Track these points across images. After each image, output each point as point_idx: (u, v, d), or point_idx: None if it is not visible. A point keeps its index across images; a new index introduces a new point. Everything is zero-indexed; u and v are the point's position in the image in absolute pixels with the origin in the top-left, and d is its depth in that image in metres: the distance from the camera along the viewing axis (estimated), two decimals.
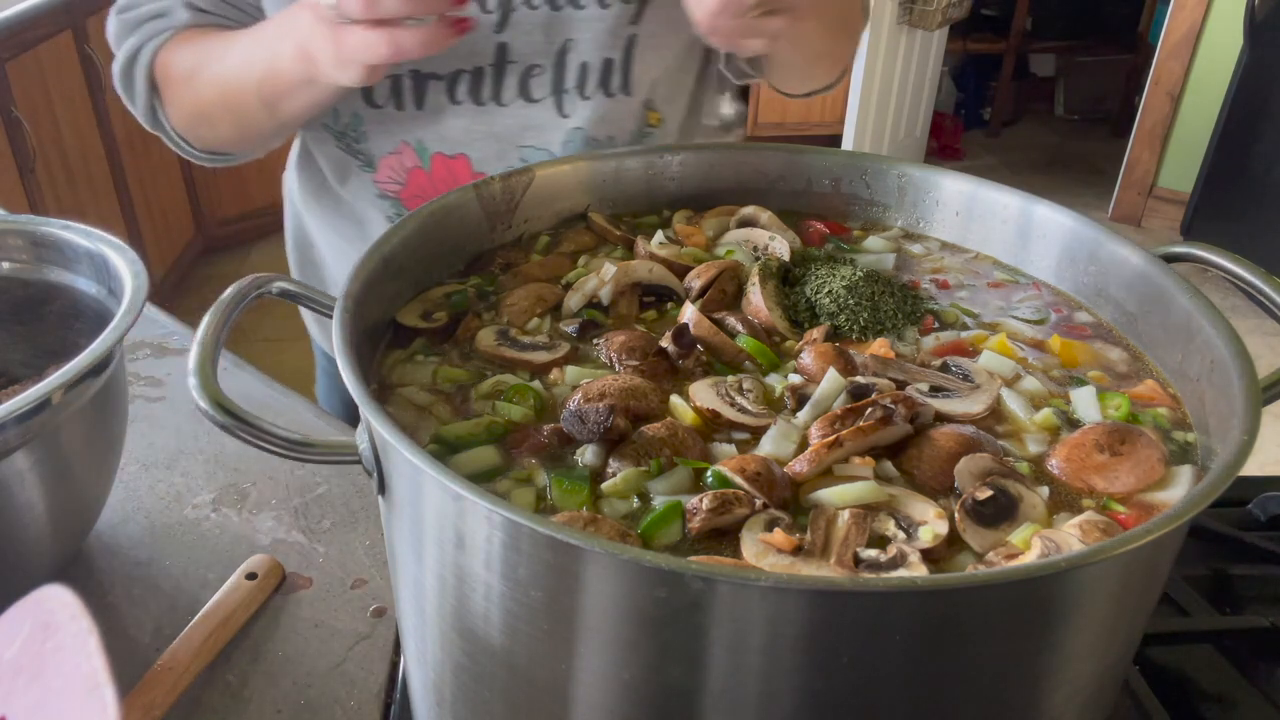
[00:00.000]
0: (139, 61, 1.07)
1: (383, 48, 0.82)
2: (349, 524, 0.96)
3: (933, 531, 0.55)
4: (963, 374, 0.69)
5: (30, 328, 0.92)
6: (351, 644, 0.84)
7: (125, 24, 1.08)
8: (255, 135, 1.10)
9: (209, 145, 1.13)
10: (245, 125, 1.07)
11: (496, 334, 0.72)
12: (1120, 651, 0.59)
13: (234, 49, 1.02)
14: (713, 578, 0.45)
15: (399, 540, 0.60)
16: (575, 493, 0.58)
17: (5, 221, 0.91)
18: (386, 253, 0.70)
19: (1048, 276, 0.81)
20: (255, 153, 1.16)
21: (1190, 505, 0.49)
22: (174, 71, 1.06)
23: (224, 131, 1.09)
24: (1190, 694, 0.79)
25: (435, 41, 0.83)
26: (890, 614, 0.47)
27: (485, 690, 0.58)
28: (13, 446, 0.72)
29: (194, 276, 3.96)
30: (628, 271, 0.77)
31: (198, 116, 1.08)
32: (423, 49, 0.83)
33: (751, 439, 0.63)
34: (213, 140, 1.12)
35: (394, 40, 0.82)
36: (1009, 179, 0.86)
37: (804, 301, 0.77)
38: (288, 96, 0.99)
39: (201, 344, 0.60)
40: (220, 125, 1.08)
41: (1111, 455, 0.62)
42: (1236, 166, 3.90)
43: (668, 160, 0.89)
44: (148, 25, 1.07)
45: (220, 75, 1.02)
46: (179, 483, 1.01)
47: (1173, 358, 0.69)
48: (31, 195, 2.83)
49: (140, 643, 0.83)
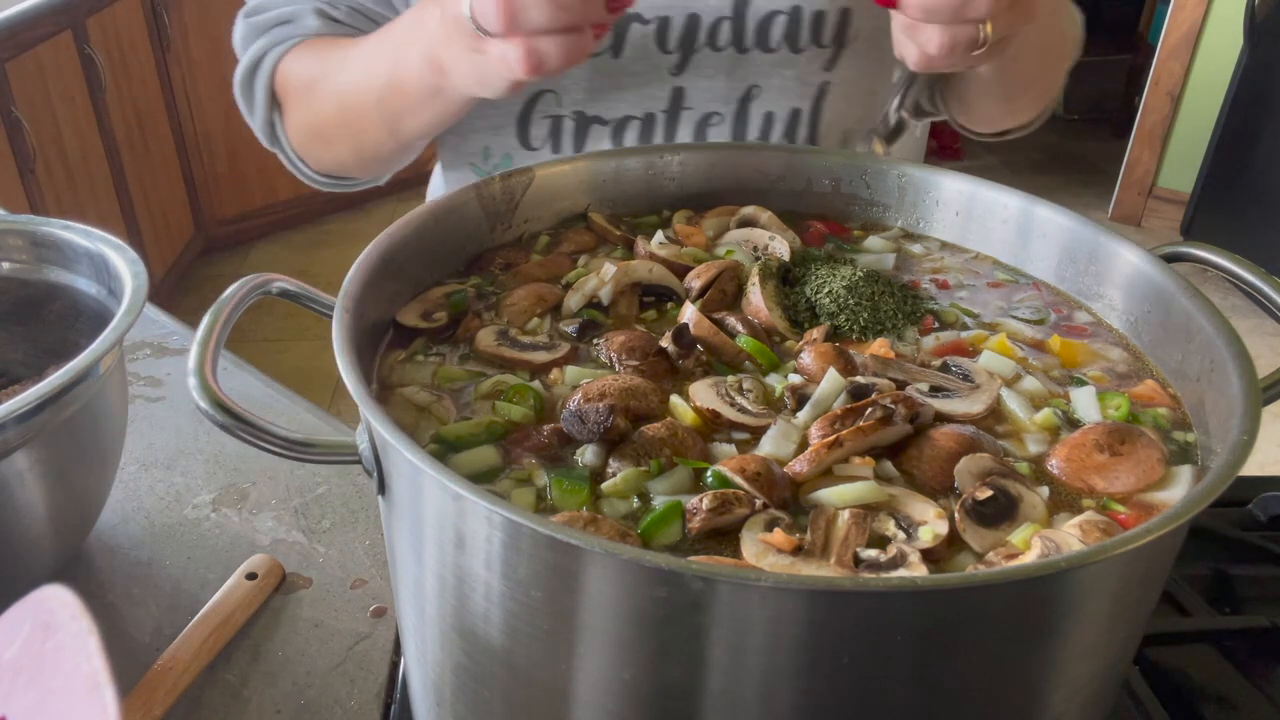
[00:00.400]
0: (261, 69, 1.00)
1: (522, 64, 0.71)
2: (349, 524, 0.96)
3: (933, 531, 0.55)
4: (963, 374, 0.69)
5: (30, 328, 0.93)
6: (351, 644, 0.84)
7: (251, 28, 1.01)
8: (373, 157, 1.01)
9: (326, 167, 1.04)
10: (363, 145, 0.98)
11: (496, 334, 0.72)
12: (1120, 651, 0.59)
13: (355, 57, 0.93)
14: (713, 578, 0.45)
15: (399, 540, 0.60)
16: (575, 493, 0.58)
17: (5, 221, 0.91)
18: (386, 253, 0.70)
19: (1048, 276, 0.81)
20: (375, 177, 1.07)
21: (1190, 505, 0.49)
22: (294, 82, 0.98)
23: (341, 152, 1.01)
24: (1190, 694, 0.79)
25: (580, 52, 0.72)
26: (890, 614, 0.47)
27: (485, 690, 0.58)
28: (13, 446, 0.72)
29: (194, 276, 3.96)
30: (628, 271, 0.77)
31: (314, 134, 1.00)
32: (565, 61, 0.72)
33: (751, 439, 0.63)
34: (330, 162, 1.03)
35: (534, 52, 0.71)
36: (1009, 179, 0.86)
37: (804, 301, 0.77)
38: (411, 112, 0.90)
39: (201, 344, 0.60)
40: (337, 144, 0.99)
41: (1111, 455, 0.62)
42: (1236, 166, 3.89)
43: (668, 160, 0.89)
44: (275, 31, 1.00)
45: (339, 88, 0.94)
46: (179, 483, 1.01)
47: (1173, 358, 0.69)
48: (31, 195, 2.83)
49: (140, 643, 0.83)
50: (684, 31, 0.98)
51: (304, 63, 0.98)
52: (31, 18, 2.82)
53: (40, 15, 2.85)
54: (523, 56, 0.71)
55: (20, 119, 2.75)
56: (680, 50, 0.96)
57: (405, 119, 0.91)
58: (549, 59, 0.71)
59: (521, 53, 0.71)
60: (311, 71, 0.97)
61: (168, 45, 3.66)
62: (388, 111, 0.91)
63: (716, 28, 0.98)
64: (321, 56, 0.96)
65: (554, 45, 0.71)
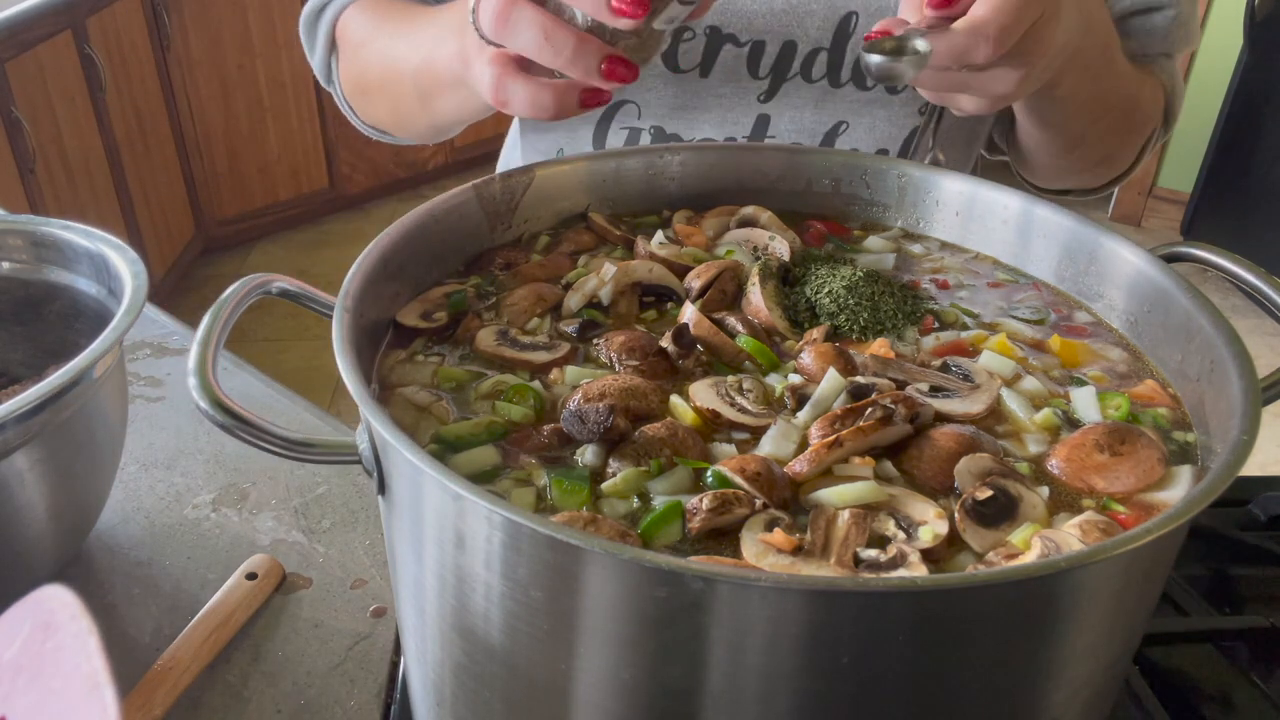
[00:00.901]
0: (325, 14, 1.04)
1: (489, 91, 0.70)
2: (349, 524, 0.96)
3: (933, 531, 0.55)
4: (963, 374, 0.69)
5: (30, 328, 0.93)
6: (351, 644, 0.84)
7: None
8: (409, 124, 1.03)
9: (369, 120, 1.09)
10: (400, 111, 1.01)
11: (496, 334, 0.72)
12: (1120, 651, 0.59)
13: (405, 28, 0.95)
14: (713, 578, 0.45)
15: (399, 540, 0.60)
16: (575, 493, 0.58)
17: (5, 221, 0.91)
18: (386, 253, 0.70)
19: (1048, 276, 0.81)
20: (414, 140, 1.10)
21: (1190, 505, 0.49)
22: (350, 35, 1.02)
23: (380, 112, 1.05)
24: (1190, 694, 0.79)
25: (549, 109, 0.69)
26: (890, 614, 0.47)
27: (485, 690, 0.58)
28: (13, 446, 0.72)
29: (194, 276, 3.96)
30: (628, 271, 0.77)
31: (359, 89, 1.05)
32: (529, 110, 0.69)
33: (751, 439, 0.63)
34: (372, 116, 1.08)
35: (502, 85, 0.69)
36: (1009, 179, 0.87)
37: (804, 301, 0.77)
38: (440, 93, 0.90)
39: (201, 344, 0.60)
40: (378, 104, 1.04)
41: (1111, 455, 0.62)
42: (1236, 166, 3.89)
43: (668, 160, 0.89)
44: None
45: (385, 53, 0.97)
46: (179, 483, 1.01)
47: (1173, 358, 0.69)
48: (31, 195, 2.84)
49: (140, 643, 0.83)
50: (778, 58, 0.96)
51: (361, 19, 1.01)
52: (31, 18, 2.82)
53: (40, 15, 2.86)
54: (491, 84, 0.70)
55: (20, 119, 2.75)
56: (771, 77, 0.95)
57: (434, 99, 0.92)
58: (513, 99, 0.69)
59: (492, 79, 0.70)
60: (365, 32, 1.00)
61: (168, 45, 3.66)
62: (420, 87, 0.92)
63: (813, 58, 0.97)
64: (377, 18, 0.99)
65: (524, 91, 0.69)
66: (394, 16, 0.98)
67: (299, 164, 4.27)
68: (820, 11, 0.95)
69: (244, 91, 3.95)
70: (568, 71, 0.67)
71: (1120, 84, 0.95)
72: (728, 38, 0.96)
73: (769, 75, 0.95)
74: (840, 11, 0.95)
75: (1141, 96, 1.01)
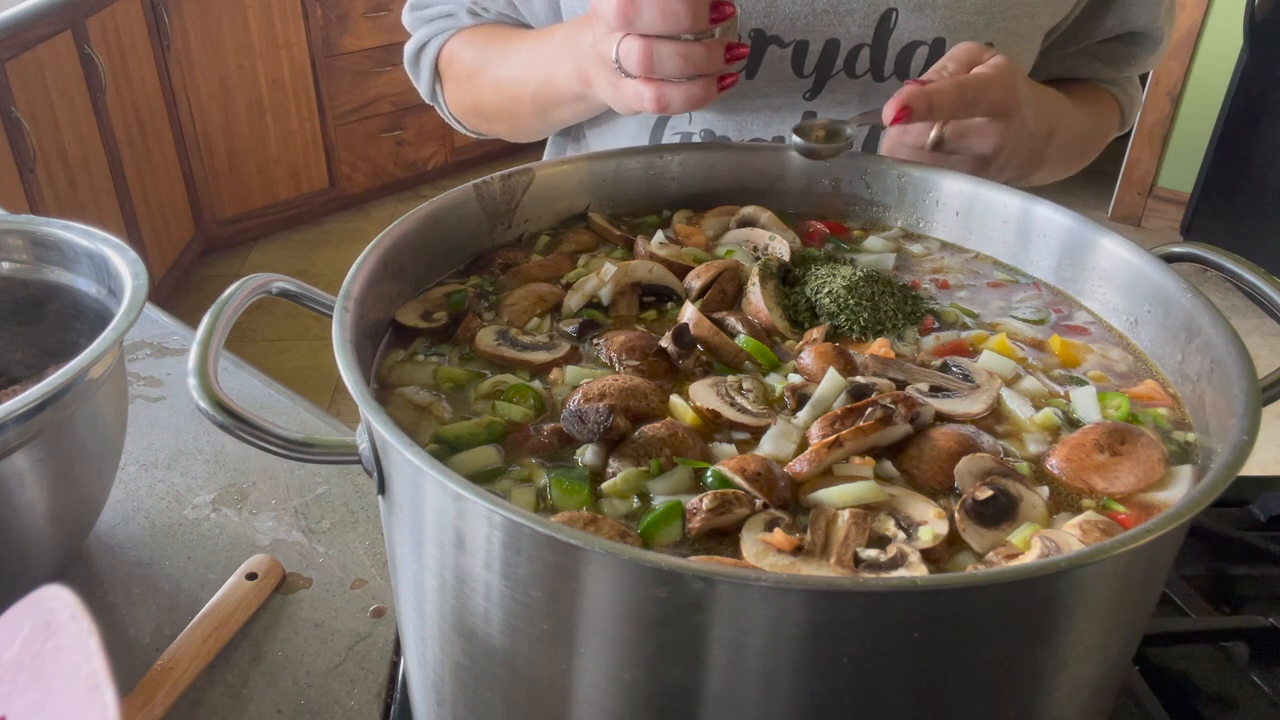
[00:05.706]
0: (426, 53, 1.20)
1: (652, 104, 0.85)
2: (349, 524, 0.96)
3: (933, 531, 0.55)
4: (963, 374, 0.69)
5: (30, 328, 0.93)
6: (351, 644, 0.84)
7: (416, 19, 1.21)
8: (525, 133, 1.19)
9: (483, 133, 1.25)
10: (517, 125, 1.16)
11: (496, 334, 0.72)
12: (1120, 651, 0.59)
13: (513, 55, 1.09)
14: (713, 578, 0.45)
15: (399, 540, 0.60)
16: (575, 493, 0.58)
17: (5, 221, 0.91)
18: (386, 253, 0.70)
19: (1048, 276, 0.81)
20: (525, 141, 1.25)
21: (1190, 505, 0.49)
22: (456, 68, 1.18)
23: (499, 127, 1.20)
24: (1190, 694, 0.79)
25: (701, 99, 0.85)
26: (890, 614, 0.47)
27: (485, 690, 0.58)
28: (13, 446, 0.72)
29: (194, 276, 3.96)
30: (628, 271, 0.77)
31: (474, 112, 1.20)
32: (687, 105, 0.85)
33: (751, 439, 0.63)
34: (487, 131, 1.24)
35: (662, 96, 0.84)
36: None
37: (804, 301, 0.77)
38: (559, 108, 1.05)
39: (201, 344, 0.60)
40: (496, 121, 1.19)
41: (1111, 455, 0.62)
42: (1236, 166, 3.90)
43: (668, 160, 0.89)
44: (436, 22, 1.19)
45: (498, 80, 1.11)
46: (179, 483, 1.01)
47: (1173, 358, 0.69)
48: (31, 195, 2.84)
49: (140, 643, 0.83)
50: (821, 56, 1.00)
51: (466, 52, 1.16)
52: (31, 18, 2.82)
53: (40, 15, 2.86)
54: (653, 98, 0.85)
55: (20, 119, 2.75)
56: (816, 74, 0.99)
57: (553, 112, 1.07)
58: (674, 103, 0.85)
59: (652, 94, 0.85)
60: (472, 64, 1.15)
61: (168, 45, 3.66)
62: (540, 105, 1.07)
63: (855, 55, 0.99)
64: (481, 50, 1.15)
65: (679, 92, 0.84)
66: (497, 47, 1.12)
67: (299, 164, 4.27)
68: (861, 9, 0.98)
69: (244, 91, 3.96)
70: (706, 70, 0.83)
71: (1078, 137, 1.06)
72: (772, 39, 1.00)
73: (813, 73, 0.99)
74: (880, 8, 0.98)
75: (1098, 129, 1.13)
